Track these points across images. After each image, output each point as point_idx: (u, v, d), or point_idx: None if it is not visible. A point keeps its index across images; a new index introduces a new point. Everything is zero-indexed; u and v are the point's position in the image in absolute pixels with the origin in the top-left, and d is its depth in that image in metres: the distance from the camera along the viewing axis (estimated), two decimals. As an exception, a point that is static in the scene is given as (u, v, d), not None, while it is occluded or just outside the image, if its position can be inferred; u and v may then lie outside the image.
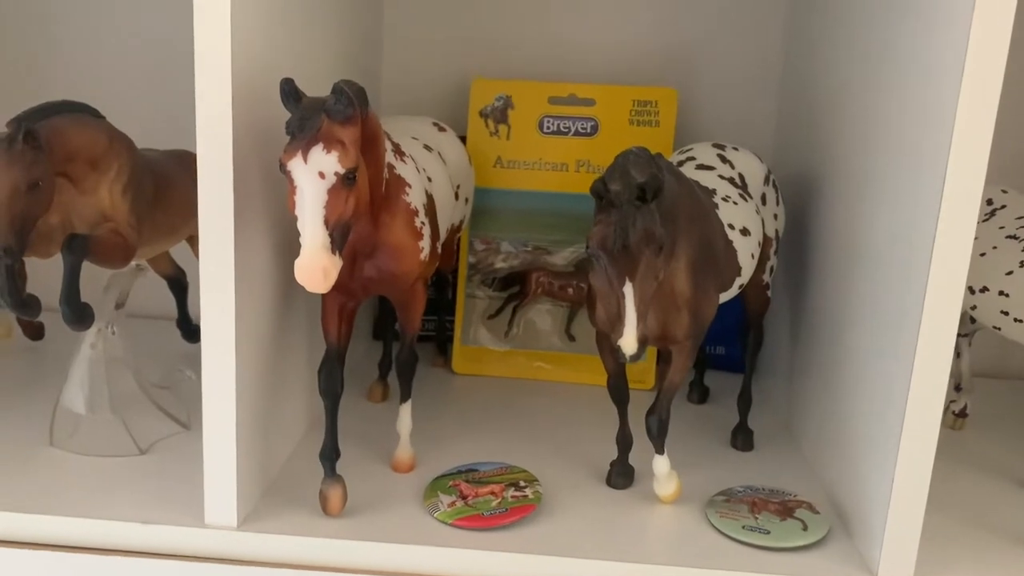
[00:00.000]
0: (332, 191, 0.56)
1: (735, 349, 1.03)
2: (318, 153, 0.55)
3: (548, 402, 0.95)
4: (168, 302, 0.99)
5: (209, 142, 0.61)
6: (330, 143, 0.55)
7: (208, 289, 0.64)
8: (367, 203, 0.60)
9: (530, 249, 1.02)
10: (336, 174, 0.56)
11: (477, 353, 1.02)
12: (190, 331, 1.00)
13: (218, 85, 0.60)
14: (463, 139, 0.99)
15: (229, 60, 0.60)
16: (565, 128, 1.01)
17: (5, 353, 0.99)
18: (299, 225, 0.56)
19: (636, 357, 0.57)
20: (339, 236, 0.57)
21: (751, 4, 1.04)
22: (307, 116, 0.56)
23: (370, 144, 0.61)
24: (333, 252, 0.56)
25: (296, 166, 0.55)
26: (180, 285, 0.98)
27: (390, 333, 0.98)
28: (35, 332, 1.00)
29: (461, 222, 0.91)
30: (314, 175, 0.55)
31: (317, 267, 0.55)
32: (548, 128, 1.01)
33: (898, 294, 0.65)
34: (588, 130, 1.01)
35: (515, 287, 1.02)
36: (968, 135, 0.58)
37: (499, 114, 1.01)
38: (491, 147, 1.01)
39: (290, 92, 0.57)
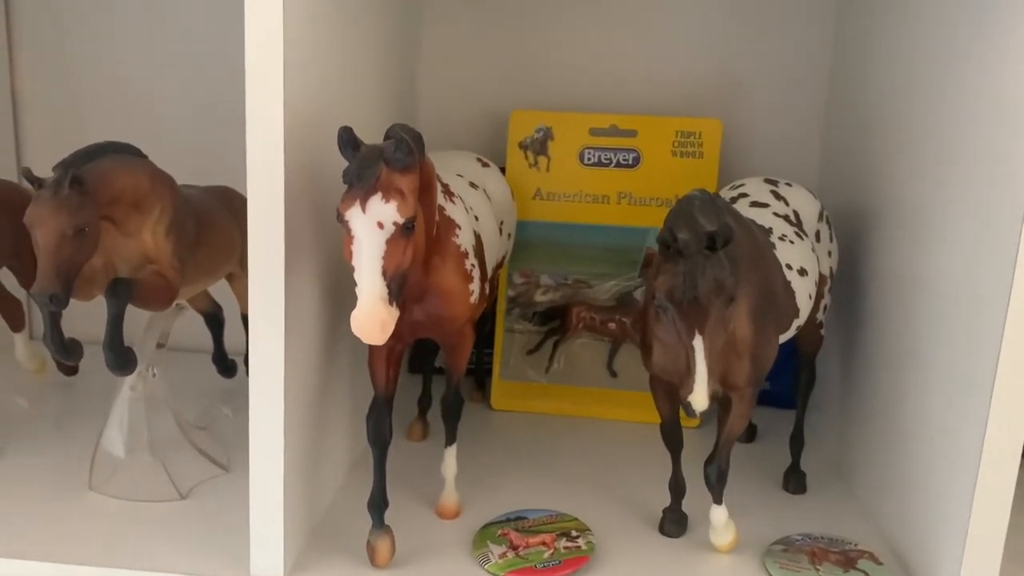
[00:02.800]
0: (391, 241, 0.54)
1: (781, 385, 1.00)
2: (377, 203, 0.54)
3: (591, 441, 0.93)
4: (202, 336, 0.98)
5: (260, 185, 0.60)
6: (389, 192, 0.54)
7: (257, 334, 0.62)
8: (423, 251, 0.59)
9: (570, 283, 1.00)
10: (395, 224, 0.54)
11: (516, 389, 1.00)
12: (226, 366, 0.99)
13: (270, 128, 0.59)
14: (502, 171, 0.97)
15: (281, 102, 0.59)
16: (606, 160, 0.99)
17: (40, 389, 0.98)
18: (356, 276, 0.54)
19: (706, 413, 0.55)
20: (396, 287, 0.55)
21: (796, 33, 1.02)
22: (365, 165, 0.54)
23: (425, 190, 0.59)
24: (390, 303, 0.54)
25: (354, 216, 0.54)
26: (217, 320, 0.96)
27: (429, 367, 0.96)
28: (70, 368, 0.99)
29: (504, 258, 0.89)
30: (372, 225, 0.54)
31: (375, 320, 0.53)
32: (589, 160, 0.99)
33: (969, 335, 0.63)
34: (630, 161, 0.99)
35: (555, 321, 1.00)
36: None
37: (539, 146, 1.00)
38: (530, 179, 1.00)
39: (348, 140, 0.55)
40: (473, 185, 0.79)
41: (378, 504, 0.67)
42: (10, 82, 1.09)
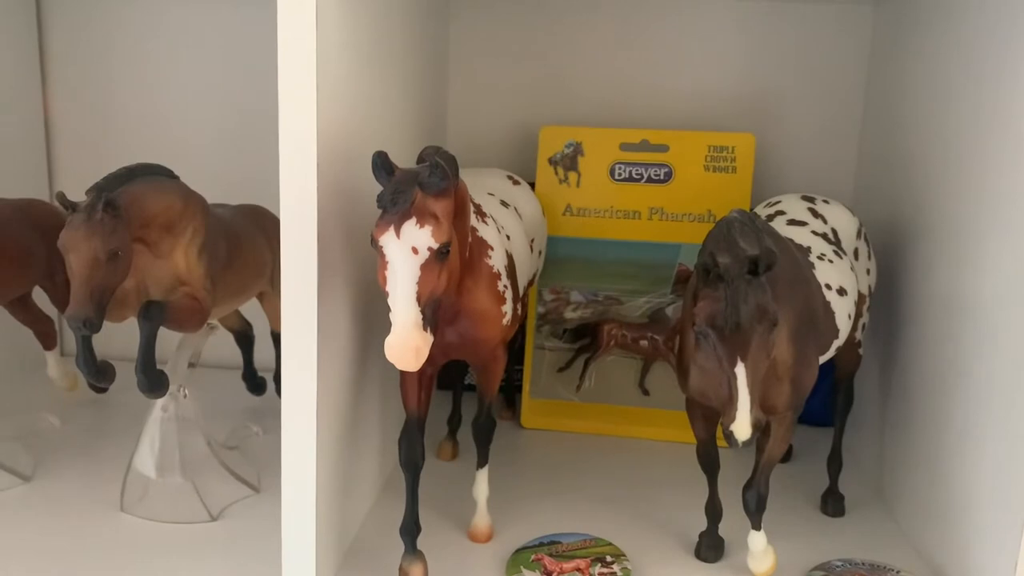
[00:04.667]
0: (425, 266, 0.53)
1: (816, 402, 0.98)
2: (411, 228, 0.53)
3: (624, 461, 0.91)
4: (230, 353, 0.98)
5: (293, 208, 0.59)
6: (423, 217, 0.53)
7: (290, 353, 0.62)
8: (458, 275, 0.58)
9: (601, 299, 0.99)
10: (429, 249, 0.53)
11: (547, 407, 0.99)
12: (256, 384, 0.98)
13: (303, 151, 0.58)
14: (532, 186, 0.96)
15: (315, 126, 0.58)
16: (637, 175, 0.98)
17: (72, 407, 0.98)
18: (390, 301, 0.53)
19: (749, 443, 0.54)
20: (431, 312, 0.54)
21: (831, 45, 1.00)
22: (400, 189, 0.53)
23: (459, 213, 0.59)
24: (425, 329, 0.53)
25: (388, 241, 0.53)
26: (247, 338, 0.96)
27: (459, 385, 0.95)
28: (100, 387, 0.99)
29: (535, 275, 0.88)
30: (407, 250, 0.53)
31: (410, 346, 0.52)
32: (620, 175, 0.98)
33: (1016, 355, 0.61)
34: (662, 177, 0.98)
35: (586, 339, 0.99)
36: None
37: (569, 161, 0.99)
38: (560, 195, 0.99)
39: (383, 165, 0.54)
40: (504, 204, 0.78)
41: (411, 529, 0.66)
42: (43, 105, 1.10)
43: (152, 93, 1.09)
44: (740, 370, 0.53)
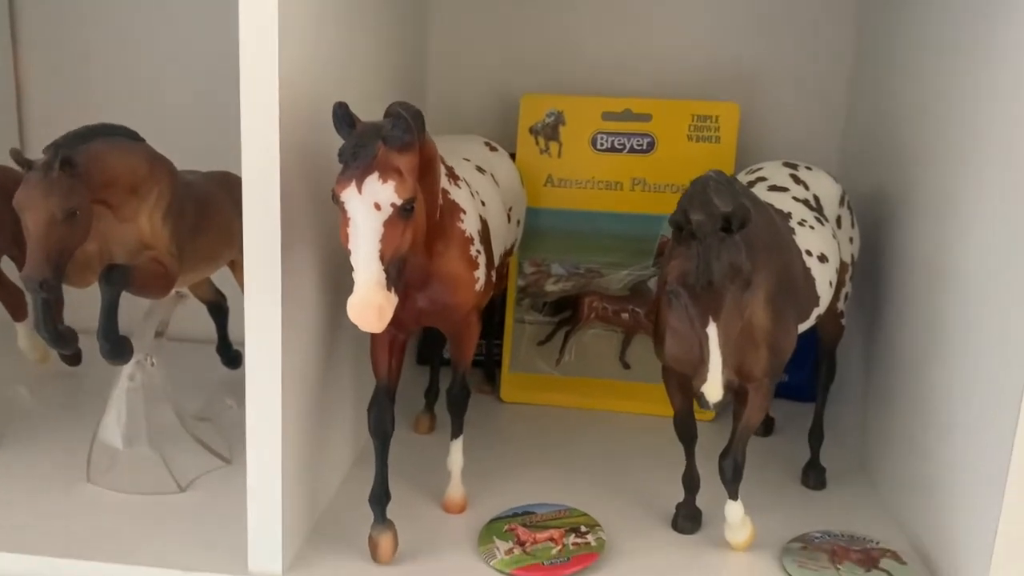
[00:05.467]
0: (388, 223, 0.51)
1: (799, 376, 0.97)
2: (374, 183, 0.51)
3: (603, 434, 0.90)
4: (207, 326, 0.96)
5: (255, 167, 0.58)
6: (386, 172, 0.51)
7: (253, 322, 0.60)
8: (423, 234, 0.56)
9: (582, 272, 0.97)
10: (393, 205, 0.51)
11: (526, 381, 0.97)
12: (230, 357, 0.97)
13: (264, 107, 0.57)
14: (512, 156, 0.94)
15: (276, 81, 0.56)
16: (620, 145, 0.96)
17: (43, 379, 0.97)
18: (352, 260, 0.52)
19: (721, 404, 0.52)
20: (395, 271, 0.52)
21: (816, 12, 0.98)
22: (362, 143, 0.52)
23: (426, 170, 0.57)
24: (389, 289, 0.52)
25: (350, 197, 0.51)
26: (220, 310, 0.95)
27: (437, 358, 0.94)
28: (73, 358, 0.97)
29: (513, 245, 0.87)
30: (369, 206, 0.51)
31: (372, 305, 0.51)
32: (602, 145, 0.96)
33: (1000, 327, 0.59)
34: (644, 147, 0.96)
35: (566, 312, 0.97)
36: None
37: (550, 131, 0.97)
38: (541, 165, 0.97)
39: (343, 117, 0.53)
40: (480, 169, 0.76)
41: (380, 498, 0.65)
42: (14, 72, 1.08)
43: (127, 57, 1.06)
44: (712, 330, 0.52)
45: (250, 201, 0.58)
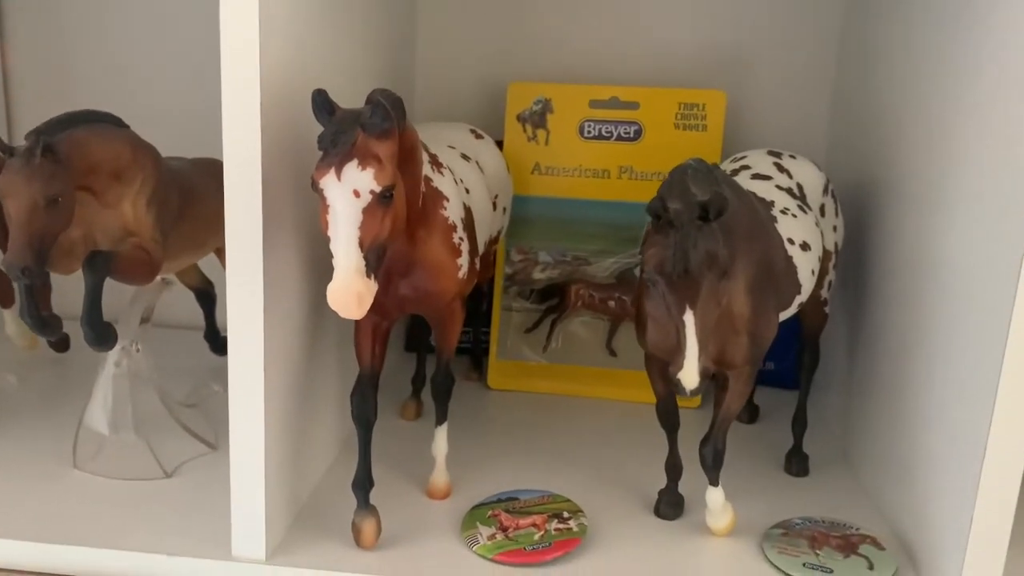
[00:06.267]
0: (367, 210, 0.52)
1: (784, 364, 0.98)
2: (353, 170, 0.51)
3: (589, 421, 0.90)
4: (194, 312, 0.96)
5: (236, 152, 0.58)
6: (365, 159, 0.51)
7: (235, 307, 0.60)
8: (404, 221, 0.56)
9: (569, 260, 0.97)
10: (372, 192, 0.52)
11: (513, 368, 0.98)
12: (218, 343, 0.97)
13: (246, 93, 0.57)
14: (499, 144, 0.94)
15: (257, 67, 0.56)
16: (607, 133, 0.96)
17: (30, 366, 0.97)
18: (332, 247, 0.52)
19: (697, 391, 0.53)
20: (374, 258, 0.53)
21: (803, 1, 0.98)
22: (341, 130, 0.52)
23: (408, 158, 0.57)
24: (368, 276, 0.52)
25: (329, 184, 0.52)
26: (208, 296, 0.95)
27: (424, 346, 0.94)
28: (61, 344, 0.97)
29: (499, 233, 0.87)
30: (348, 193, 0.51)
31: (351, 292, 0.51)
32: (589, 133, 0.96)
33: (979, 313, 0.60)
34: (631, 135, 0.96)
35: (554, 299, 0.98)
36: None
37: (537, 118, 0.97)
38: (529, 153, 0.97)
39: (322, 104, 0.53)
40: (465, 157, 0.76)
41: (363, 484, 0.65)
42: (1, 61, 1.07)
43: (114, 45, 1.06)
44: (689, 318, 0.52)
45: (232, 187, 0.58)
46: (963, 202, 0.64)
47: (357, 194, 0.51)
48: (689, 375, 0.52)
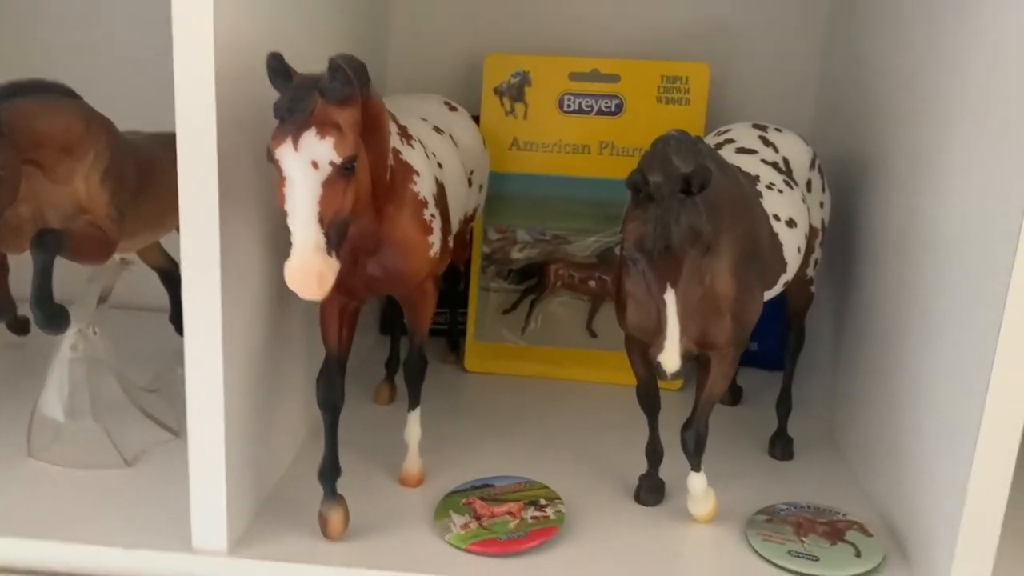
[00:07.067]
0: (327, 183, 0.48)
1: (769, 344, 0.95)
2: (311, 139, 0.48)
3: (568, 404, 0.88)
4: (159, 294, 0.92)
5: (190, 124, 0.54)
6: (324, 128, 0.48)
7: (191, 288, 0.57)
8: (368, 196, 0.53)
9: (548, 238, 0.94)
10: (332, 163, 0.48)
11: (491, 350, 0.95)
12: (182, 326, 0.93)
13: (199, 58, 0.53)
14: (476, 119, 0.91)
15: (211, 30, 0.53)
16: (587, 107, 0.93)
17: (-12, 349, 0.93)
18: (289, 222, 0.49)
19: (678, 374, 0.50)
20: (335, 235, 0.49)
21: (790, -30, 0.95)
22: (298, 97, 0.48)
23: (372, 128, 0.54)
24: (329, 254, 0.49)
25: (285, 154, 0.48)
26: (172, 277, 0.91)
27: (398, 328, 0.91)
28: (20, 327, 0.93)
29: (475, 211, 0.84)
30: (306, 164, 0.48)
31: (310, 272, 0.48)
32: (569, 107, 0.93)
33: (973, 292, 0.57)
34: (612, 109, 0.93)
35: (532, 279, 0.95)
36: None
37: (515, 92, 0.93)
38: (507, 128, 0.94)
39: (278, 69, 0.49)
40: (438, 130, 0.73)
41: (329, 473, 0.63)
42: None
43: (71, 12, 1.01)
44: (670, 297, 0.49)
45: (185, 160, 0.55)
46: (954, 178, 0.61)
47: (316, 165, 0.48)
48: (670, 357, 0.49)
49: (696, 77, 0.91)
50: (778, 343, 0.85)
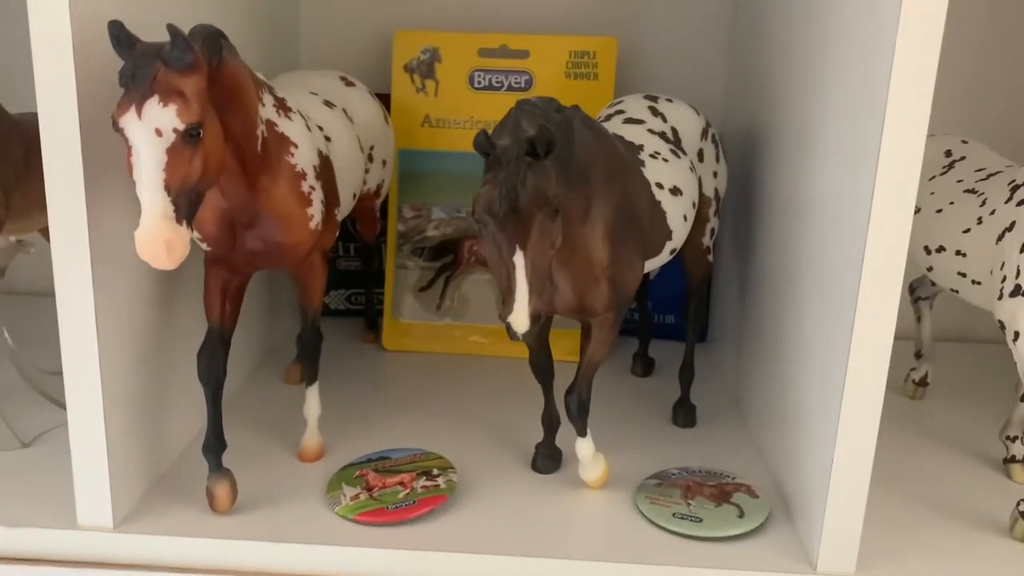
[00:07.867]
0: (172, 151, 0.48)
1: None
2: (153, 107, 0.48)
3: (481, 379, 0.88)
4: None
5: (50, 97, 0.54)
6: (167, 95, 0.48)
7: (60, 265, 0.57)
8: (220, 164, 0.53)
9: (463, 216, 0.94)
10: (175, 131, 0.48)
11: (408, 328, 0.95)
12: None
13: (55, 26, 0.53)
14: (387, 96, 0.91)
15: (67, 4, 0.52)
16: (497, 83, 0.93)
17: None
18: (137, 191, 0.49)
19: (528, 335, 0.50)
20: (186, 203, 0.49)
21: (697, -57, 0.95)
22: (141, 65, 0.48)
23: (230, 96, 0.53)
24: (179, 222, 0.49)
25: (129, 122, 0.48)
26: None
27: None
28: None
29: (379, 187, 0.84)
30: (150, 132, 0.48)
31: (158, 240, 0.48)
32: (479, 83, 0.93)
33: (837, 256, 0.58)
34: (522, 84, 0.93)
35: (448, 257, 0.95)
36: (908, 80, 0.51)
37: (425, 68, 0.93)
38: (418, 105, 0.94)
39: (120, 37, 0.49)
40: (329, 104, 0.73)
41: (213, 447, 0.63)
42: None
43: None
44: (519, 258, 0.50)
45: (48, 134, 0.54)
46: (824, 147, 0.62)
47: (159, 133, 0.48)
48: (519, 318, 0.50)
49: (604, 52, 0.92)
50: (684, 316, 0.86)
